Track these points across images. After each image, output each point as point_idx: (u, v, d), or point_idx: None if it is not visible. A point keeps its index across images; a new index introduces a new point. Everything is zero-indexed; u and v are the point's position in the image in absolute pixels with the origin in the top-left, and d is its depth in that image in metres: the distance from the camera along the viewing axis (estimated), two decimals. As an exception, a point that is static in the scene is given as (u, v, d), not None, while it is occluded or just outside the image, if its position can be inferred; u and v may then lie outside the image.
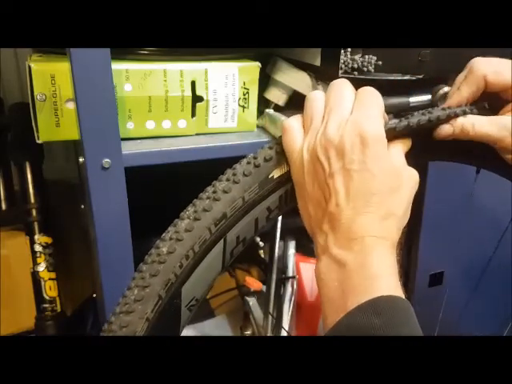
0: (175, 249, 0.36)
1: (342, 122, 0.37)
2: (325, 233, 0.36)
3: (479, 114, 0.43)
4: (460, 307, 0.86)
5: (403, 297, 0.33)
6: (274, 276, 0.84)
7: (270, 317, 0.83)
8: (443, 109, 0.42)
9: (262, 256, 0.95)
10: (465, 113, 0.42)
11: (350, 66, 0.57)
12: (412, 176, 0.38)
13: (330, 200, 0.36)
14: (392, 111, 0.53)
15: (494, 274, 0.86)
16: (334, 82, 0.41)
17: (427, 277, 0.84)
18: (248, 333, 0.89)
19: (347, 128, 0.36)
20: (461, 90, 0.43)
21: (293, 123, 0.41)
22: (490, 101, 0.43)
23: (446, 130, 0.42)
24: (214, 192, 0.38)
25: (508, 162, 0.42)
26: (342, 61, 0.57)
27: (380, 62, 0.58)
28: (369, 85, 0.41)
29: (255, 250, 0.96)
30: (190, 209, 0.38)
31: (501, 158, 0.43)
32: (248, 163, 0.39)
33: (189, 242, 0.36)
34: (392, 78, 0.59)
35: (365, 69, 0.58)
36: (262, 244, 0.44)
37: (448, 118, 0.42)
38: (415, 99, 0.61)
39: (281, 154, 0.40)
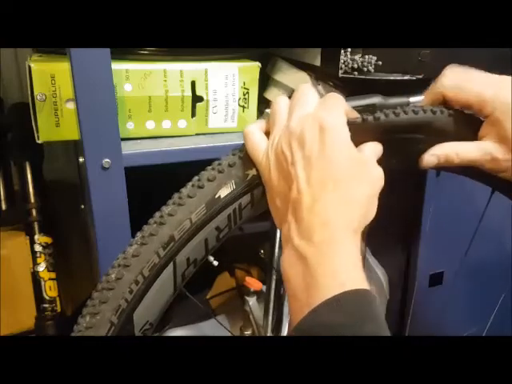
0: (123, 275, 0.36)
1: (303, 116, 0.38)
2: (288, 222, 0.36)
3: (450, 115, 0.43)
4: (460, 307, 0.86)
5: (367, 288, 0.32)
6: (274, 276, 0.84)
7: (270, 317, 0.83)
8: (413, 108, 0.43)
9: (262, 256, 0.95)
10: (432, 111, 0.42)
11: (349, 66, 0.57)
12: (378, 172, 0.38)
13: (290, 189, 0.36)
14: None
15: (493, 274, 0.86)
16: (299, 86, 0.42)
17: (427, 277, 0.84)
18: (248, 333, 0.89)
19: (308, 120, 0.38)
20: (424, 99, 0.46)
21: (252, 128, 0.42)
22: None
23: (430, 160, 0.43)
24: (161, 216, 0.39)
25: (503, 178, 0.43)
26: (341, 61, 0.57)
27: (380, 62, 0.58)
28: (369, 85, 0.41)
29: (255, 250, 0.96)
30: (138, 234, 0.39)
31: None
32: (192, 186, 0.40)
33: (137, 267, 0.37)
34: (392, 77, 0.59)
35: (365, 69, 0.58)
36: (215, 263, 0.44)
37: (414, 118, 0.42)
38: (415, 99, 0.61)
39: (224, 173, 0.40)
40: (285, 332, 0.83)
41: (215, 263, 0.43)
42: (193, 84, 0.59)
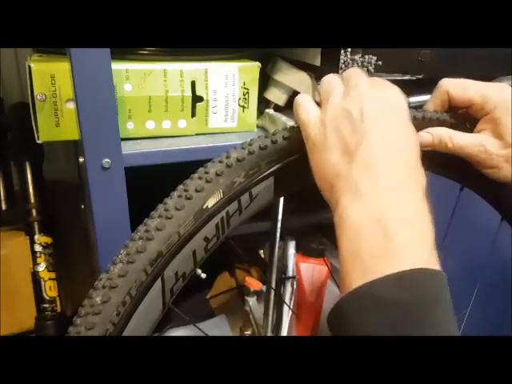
0: (110, 297, 0.34)
1: (370, 81, 0.39)
2: (354, 178, 0.35)
3: (455, 123, 0.46)
4: (460, 307, 0.86)
5: (439, 269, 0.32)
6: (274, 276, 0.84)
7: (270, 317, 0.83)
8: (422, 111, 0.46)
9: (262, 256, 0.95)
10: (439, 120, 0.45)
11: (349, 66, 0.57)
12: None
13: (360, 144, 0.36)
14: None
15: (493, 274, 0.86)
16: (348, 70, 0.42)
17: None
18: (248, 333, 0.89)
19: (381, 88, 0.39)
20: (429, 102, 0.48)
21: (304, 97, 0.42)
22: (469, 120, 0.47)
23: (425, 138, 0.44)
24: (147, 231, 0.36)
25: (487, 176, 0.46)
26: (342, 61, 0.57)
27: (380, 62, 0.58)
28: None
29: (255, 250, 0.96)
30: (123, 251, 0.36)
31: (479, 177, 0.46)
32: (179, 196, 0.38)
33: (124, 288, 0.34)
34: (392, 78, 0.59)
35: (365, 69, 0.58)
36: (203, 276, 0.42)
37: (424, 121, 0.45)
38: (415, 99, 0.61)
39: (212, 182, 0.39)
40: (285, 332, 0.83)
41: (203, 275, 0.41)
42: (193, 84, 0.59)
